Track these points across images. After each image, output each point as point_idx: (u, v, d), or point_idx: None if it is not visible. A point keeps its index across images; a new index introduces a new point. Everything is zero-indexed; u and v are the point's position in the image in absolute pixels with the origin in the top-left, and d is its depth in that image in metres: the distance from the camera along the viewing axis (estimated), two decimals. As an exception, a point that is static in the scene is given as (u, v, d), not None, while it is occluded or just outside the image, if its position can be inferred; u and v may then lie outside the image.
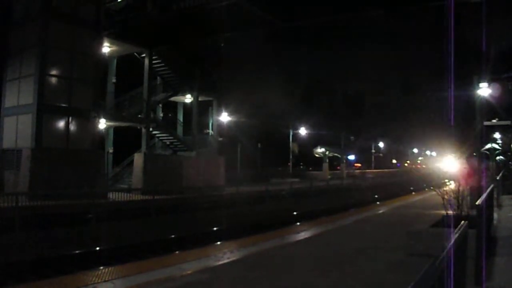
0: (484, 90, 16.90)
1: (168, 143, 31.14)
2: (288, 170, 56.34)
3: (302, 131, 56.95)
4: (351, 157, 74.57)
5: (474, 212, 7.66)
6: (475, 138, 17.58)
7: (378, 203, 25.77)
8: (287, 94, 52.92)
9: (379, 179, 51.49)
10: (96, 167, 22.73)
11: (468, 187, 11.61)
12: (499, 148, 35.17)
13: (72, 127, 22.24)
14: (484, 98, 17.24)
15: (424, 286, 2.54)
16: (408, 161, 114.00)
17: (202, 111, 33.54)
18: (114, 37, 25.76)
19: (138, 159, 27.49)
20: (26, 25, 21.86)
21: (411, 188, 42.75)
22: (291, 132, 55.41)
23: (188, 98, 32.49)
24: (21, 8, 22.40)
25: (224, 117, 37.31)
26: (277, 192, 30.49)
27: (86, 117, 22.79)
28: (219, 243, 12.94)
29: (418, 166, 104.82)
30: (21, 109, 21.58)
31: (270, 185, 32.42)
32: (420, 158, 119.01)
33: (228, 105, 37.69)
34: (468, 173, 14.40)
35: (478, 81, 16.69)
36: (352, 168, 76.29)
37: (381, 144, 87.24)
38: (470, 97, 18.34)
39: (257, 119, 47.83)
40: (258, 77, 51.03)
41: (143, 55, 28.73)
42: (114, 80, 28.71)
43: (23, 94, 21.58)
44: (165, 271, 7.52)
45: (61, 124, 21.96)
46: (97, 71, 24.01)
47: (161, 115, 33.45)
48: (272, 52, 50.89)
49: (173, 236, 16.54)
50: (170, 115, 34.71)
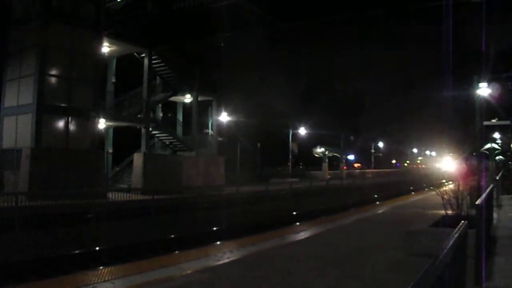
0: (483, 90, 16.91)
1: (167, 143, 31.14)
2: (288, 170, 56.37)
3: (302, 131, 56.97)
4: (351, 157, 74.59)
5: (474, 212, 7.66)
6: (475, 138, 17.59)
7: (378, 203, 25.76)
8: (287, 94, 52.95)
9: (378, 179, 51.50)
10: (96, 167, 22.73)
11: (467, 186, 11.61)
12: (499, 148, 35.20)
13: (71, 127, 22.24)
14: (484, 98, 17.25)
15: (424, 286, 2.54)
16: (408, 161, 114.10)
17: (201, 111, 33.56)
18: (114, 37, 25.77)
19: (137, 159, 27.50)
20: (26, 25, 21.85)
21: (411, 188, 42.79)
22: (290, 132, 55.43)
23: (187, 98, 32.50)
24: (21, 8, 22.39)
25: (224, 117, 37.32)
26: (276, 192, 30.48)
27: (85, 117, 22.79)
28: (219, 243, 12.94)
29: (418, 166, 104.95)
30: (21, 109, 21.58)
31: (269, 185, 32.41)
32: (420, 158, 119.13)
33: (227, 105, 37.71)
34: (466, 173, 14.40)
35: (478, 81, 16.70)
36: (352, 168, 76.36)
37: (380, 144, 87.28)
38: (469, 97, 18.36)
39: (257, 119, 47.85)
40: (258, 77, 51.06)
41: (143, 55, 28.73)
42: (113, 80, 28.73)
43: (23, 94, 21.58)
44: (165, 271, 7.51)
45: (60, 124, 21.96)
46: (97, 71, 24.00)
47: (161, 115, 33.46)
48: (272, 52, 50.86)
49: (173, 236, 16.52)
50: (169, 115, 34.71)
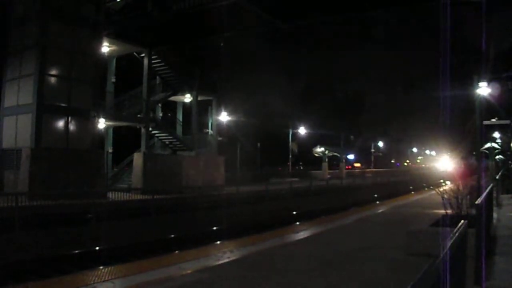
0: (483, 89, 16.90)
1: (167, 142, 31.15)
2: (288, 169, 56.37)
3: (302, 130, 56.98)
4: (351, 157, 74.61)
5: (474, 212, 7.66)
6: (474, 137, 17.59)
7: (377, 202, 25.77)
8: (287, 93, 53.02)
9: (378, 178, 51.48)
10: (96, 167, 22.73)
11: (465, 186, 11.59)
12: (499, 147, 35.18)
13: (71, 126, 22.24)
14: (484, 98, 17.24)
15: (423, 286, 2.54)
16: (407, 161, 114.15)
17: (201, 110, 33.57)
18: (113, 37, 25.76)
19: (137, 158, 27.50)
20: (26, 25, 21.83)
21: (411, 187, 42.81)
22: (290, 132, 55.43)
23: (187, 98, 32.50)
24: (21, 8, 22.38)
25: (224, 117, 37.31)
26: (276, 191, 30.48)
27: (85, 117, 22.78)
28: (219, 242, 12.95)
29: (416, 166, 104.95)
30: (21, 109, 21.57)
31: (269, 184, 32.41)
32: (419, 157, 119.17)
33: (227, 105, 37.70)
34: (464, 172, 14.40)
35: (478, 81, 16.69)
36: (353, 167, 76.36)
37: (380, 144, 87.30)
38: (469, 96, 18.36)
39: (257, 119, 47.89)
40: (258, 77, 51.09)
41: (143, 54, 28.73)
42: (113, 80, 28.72)
43: (22, 94, 21.57)
44: (165, 270, 7.52)
45: (60, 123, 21.95)
46: (97, 70, 23.99)
47: (161, 114, 33.46)
48: (272, 52, 50.93)
49: (172, 235, 16.54)
50: (169, 114, 34.73)
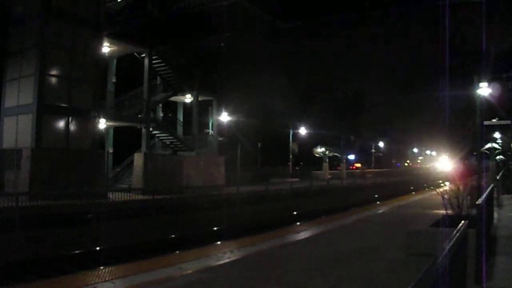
0: (484, 89, 16.89)
1: (168, 143, 31.15)
2: (288, 169, 56.33)
3: (302, 130, 56.93)
4: (351, 157, 74.58)
5: (474, 212, 7.66)
6: (474, 137, 17.57)
7: (378, 202, 25.77)
8: (287, 93, 52.95)
9: (379, 178, 51.46)
10: (96, 167, 22.73)
11: (465, 186, 11.59)
12: (499, 147, 35.16)
13: (72, 127, 22.24)
14: (484, 98, 17.24)
15: (424, 286, 2.54)
16: (408, 161, 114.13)
17: (202, 111, 33.57)
18: (114, 37, 25.75)
19: (138, 159, 27.50)
20: (26, 25, 21.84)
21: (411, 187, 42.80)
22: (291, 132, 55.40)
23: (188, 98, 32.51)
24: (21, 8, 22.39)
25: (224, 117, 37.29)
26: (277, 191, 30.48)
27: (86, 117, 22.78)
28: (219, 243, 12.94)
29: (418, 166, 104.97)
30: (21, 109, 21.57)
31: (270, 184, 32.42)
32: (420, 157, 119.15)
33: (228, 105, 37.67)
34: (463, 173, 14.39)
35: (478, 81, 16.68)
36: (353, 168, 76.36)
37: (381, 144, 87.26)
38: (470, 96, 18.35)
39: (257, 119, 47.83)
40: (258, 77, 51.01)
41: (143, 55, 28.73)
42: (114, 80, 28.72)
43: (23, 94, 21.57)
44: (165, 271, 7.52)
45: (61, 124, 21.95)
46: (97, 71, 23.99)
47: (161, 115, 33.46)
48: (272, 52, 50.80)
49: (173, 236, 16.53)
50: (170, 115, 34.70)
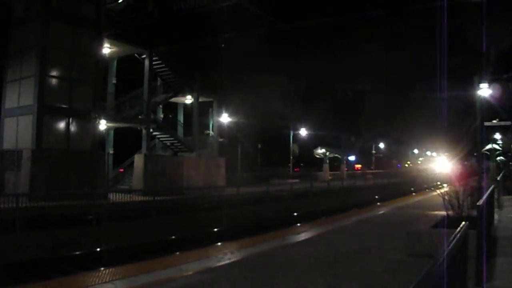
0: (484, 90, 16.88)
1: (168, 144, 31.16)
2: (289, 170, 56.32)
3: (303, 131, 56.91)
4: (352, 158, 74.58)
5: (475, 213, 7.65)
6: (475, 138, 17.56)
7: (378, 203, 25.77)
8: (288, 94, 52.93)
9: (379, 179, 51.44)
10: (97, 168, 22.73)
11: (464, 188, 11.57)
12: (500, 148, 35.20)
13: (72, 128, 22.24)
14: (485, 99, 17.23)
15: (424, 287, 2.53)
16: (408, 162, 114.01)
17: (202, 112, 33.58)
18: (114, 38, 25.77)
19: (138, 160, 27.51)
20: (26, 25, 21.86)
21: (412, 188, 42.77)
22: (291, 133, 55.40)
23: (188, 99, 32.53)
24: (21, 8, 22.41)
25: (225, 118, 37.30)
26: (277, 192, 30.48)
27: (86, 118, 22.79)
28: (219, 244, 12.92)
29: (416, 167, 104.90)
30: (22, 110, 21.59)
31: (270, 185, 32.40)
32: (420, 158, 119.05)
33: (228, 106, 37.68)
34: (462, 174, 14.33)
35: (479, 82, 16.67)
36: (353, 169, 76.33)
37: (381, 145, 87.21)
38: (470, 97, 18.34)
39: (258, 120, 47.82)
40: (259, 78, 51.01)
41: (144, 56, 28.75)
42: (114, 81, 28.74)
43: (23, 95, 21.59)
44: (165, 272, 7.51)
45: (61, 125, 21.96)
46: (98, 72, 24.02)
47: (162, 116, 33.47)
48: (272, 53, 50.79)
49: (173, 237, 16.52)
50: (170, 116, 34.71)
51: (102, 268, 9.72)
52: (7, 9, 22.70)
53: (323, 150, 60.37)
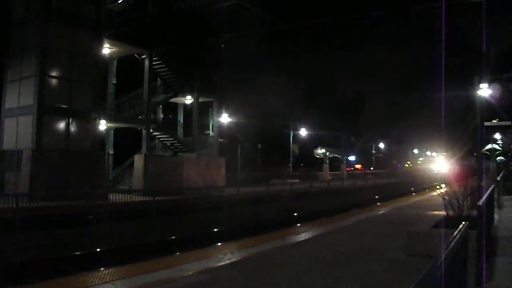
0: (484, 90, 16.88)
1: (168, 144, 31.16)
2: (289, 170, 56.34)
3: (303, 132, 56.94)
4: (352, 158, 74.60)
5: (475, 213, 7.66)
6: (475, 138, 17.55)
7: (378, 203, 25.76)
8: (288, 94, 52.98)
9: (379, 179, 51.43)
10: (97, 168, 22.73)
11: (462, 188, 11.55)
12: (500, 148, 35.20)
13: (72, 128, 22.25)
14: (485, 99, 17.22)
15: (424, 287, 2.53)
16: (408, 162, 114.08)
17: (202, 112, 33.57)
18: (114, 38, 25.77)
19: (138, 160, 27.52)
20: (26, 25, 21.86)
21: (412, 188, 42.77)
22: (291, 133, 55.41)
23: (188, 99, 32.52)
24: (21, 9, 22.40)
25: (225, 118, 37.31)
26: (277, 193, 30.49)
27: (86, 118, 22.80)
28: (219, 244, 12.91)
29: (416, 167, 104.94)
30: (22, 110, 21.59)
31: (270, 185, 32.40)
32: (420, 158, 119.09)
33: (228, 106, 37.69)
34: (460, 174, 14.29)
35: (479, 82, 16.66)
36: (353, 168, 76.33)
37: (381, 145, 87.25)
38: (470, 97, 18.34)
39: (258, 120, 47.84)
40: (259, 78, 51.03)
41: (143, 56, 28.75)
42: (114, 81, 28.74)
43: (23, 95, 21.59)
44: (165, 272, 7.52)
45: (61, 125, 21.96)
46: (98, 72, 24.01)
47: (162, 116, 33.47)
48: (272, 53, 50.79)
49: (173, 237, 16.52)
50: (170, 116, 34.72)
51: (102, 268, 9.72)
52: (7, 9, 22.70)
53: (323, 150, 60.38)
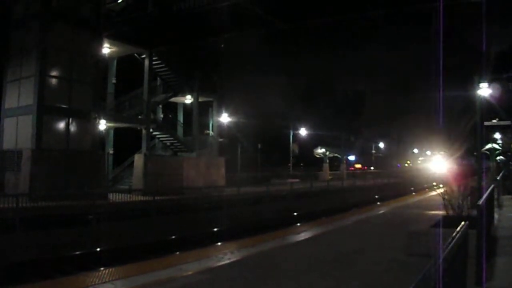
0: (484, 90, 16.88)
1: (168, 144, 31.16)
2: (289, 170, 56.31)
3: (303, 131, 56.93)
4: (352, 158, 74.57)
5: (475, 213, 7.66)
6: (475, 138, 17.55)
7: (378, 203, 25.75)
8: (288, 94, 52.93)
9: (379, 179, 51.41)
10: (97, 168, 22.74)
11: (462, 189, 11.57)
12: (499, 148, 35.17)
13: (72, 128, 22.25)
14: (485, 98, 17.22)
15: (424, 287, 2.53)
16: (408, 161, 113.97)
17: (202, 112, 33.57)
18: (114, 38, 25.77)
19: (138, 160, 27.52)
20: (26, 25, 21.85)
21: (412, 188, 42.76)
22: (291, 133, 55.40)
23: (188, 99, 32.53)
24: (21, 9, 22.40)
25: (224, 118, 37.31)
26: (277, 192, 30.46)
27: (86, 118, 22.80)
28: (219, 244, 12.93)
29: (415, 167, 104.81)
30: (22, 110, 21.59)
31: (270, 185, 32.38)
32: (420, 158, 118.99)
33: (228, 106, 37.69)
34: (458, 174, 14.31)
35: (479, 81, 16.67)
36: (353, 168, 76.30)
37: (381, 145, 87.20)
38: (470, 97, 18.35)
39: (257, 120, 47.83)
40: (259, 78, 51.01)
41: (143, 56, 28.75)
42: (114, 81, 28.75)
43: (23, 95, 21.59)
44: (165, 272, 7.51)
45: (61, 125, 21.96)
46: (97, 72, 24.02)
47: (161, 116, 33.47)
48: (272, 52, 50.77)
49: (173, 237, 16.53)
50: (170, 116, 34.71)
51: (102, 268, 9.73)
52: (7, 9, 22.70)
53: (323, 150, 60.37)
